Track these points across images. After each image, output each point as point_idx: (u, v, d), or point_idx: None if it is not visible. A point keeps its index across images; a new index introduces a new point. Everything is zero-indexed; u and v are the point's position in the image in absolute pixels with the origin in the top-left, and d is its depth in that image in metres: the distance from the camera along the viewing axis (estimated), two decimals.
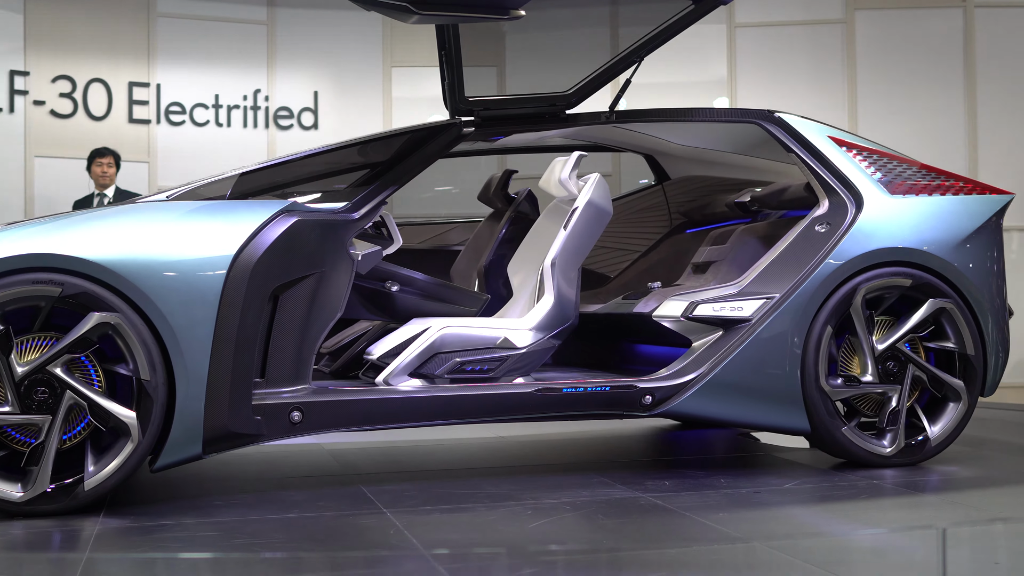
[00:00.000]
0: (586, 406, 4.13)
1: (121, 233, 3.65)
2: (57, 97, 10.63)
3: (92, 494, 3.55)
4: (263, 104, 11.17)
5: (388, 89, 11.22)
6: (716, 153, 5.45)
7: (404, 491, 3.98)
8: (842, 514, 3.59)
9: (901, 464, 4.31)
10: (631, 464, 4.66)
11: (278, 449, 5.17)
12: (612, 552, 3.09)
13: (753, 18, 11.16)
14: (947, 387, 4.40)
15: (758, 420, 4.29)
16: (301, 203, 3.94)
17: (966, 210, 4.54)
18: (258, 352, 3.76)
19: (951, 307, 4.37)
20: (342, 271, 4.00)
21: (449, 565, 2.86)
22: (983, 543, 3.29)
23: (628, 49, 4.48)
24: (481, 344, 4.26)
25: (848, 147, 4.61)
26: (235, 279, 3.65)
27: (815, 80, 11.08)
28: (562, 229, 4.49)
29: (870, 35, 11.11)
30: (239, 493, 4.04)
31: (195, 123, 11.01)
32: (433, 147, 4.36)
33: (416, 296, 4.60)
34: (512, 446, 5.23)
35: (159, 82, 10.94)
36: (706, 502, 3.67)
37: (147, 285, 3.57)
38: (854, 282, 4.28)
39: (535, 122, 4.60)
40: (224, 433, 3.67)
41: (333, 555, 3.06)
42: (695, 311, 4.28)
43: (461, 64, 4.40)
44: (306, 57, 11.25)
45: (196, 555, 3.11)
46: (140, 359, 3.56)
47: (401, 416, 3.99)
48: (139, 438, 3.56)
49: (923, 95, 10.98)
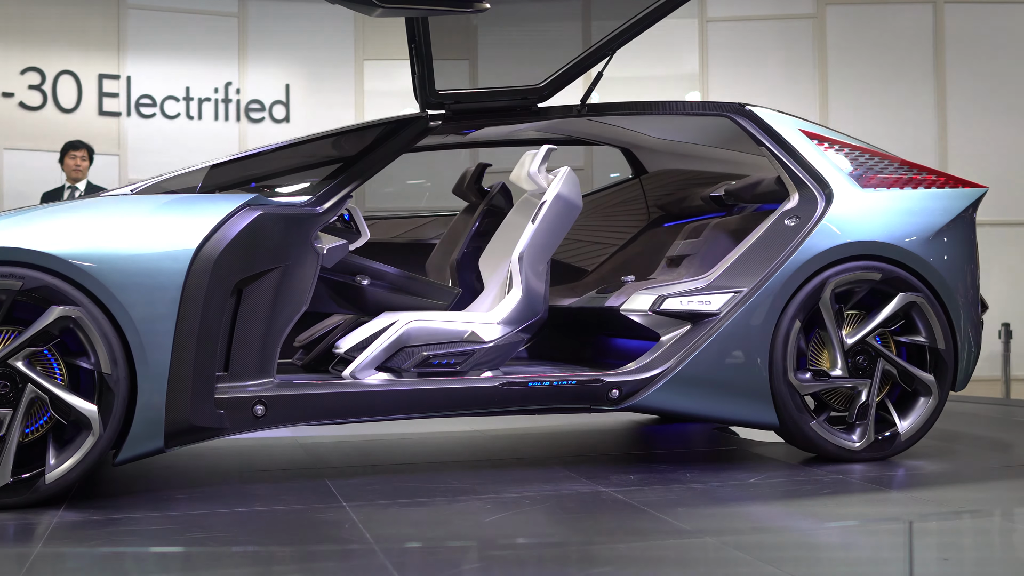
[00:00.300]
0: (552, 400, 4.11)
1: (83, 227, 3.65)
2: (26, 89, 10.56)
3: (53, 487, 3.54)
4: (234, 97, 11.12)
5: (360, 82, 11.20)
6: (693, 147, 5.44)
7: (368, 484, 3.97)
8: (800, 509, 3.57)
9: (870, 459, 4.28)
10: (601, 458, 4.65)
11: (250, 442, 5.16)
12: (560, 547, 3.08)
13: (724, 13, 11.21)
14: (917, 381, 4.36)
15: (726, 414, 4.27)
16: (265, 197, 3.93)
17: (938, 204, 4.51)
18: (222, 346, 3.75)
19: (921, 301, 4.34)
20: (307, 265, 3.98)
21: (397, 559, 2.84)
22: (936, 538, 3.26)
23: (600, 42, 4.47)
24: (448, 338, 4.23)
25: (820, 140, 4.58)
26: (197, 273, 3.64)
27: (786, 75, 11.14)
28: (530, 223, 4.46)
29: (841, 30, 11.19)
30: (205, 486, 4.02)
31: (166, 116, 10.95)
32: (399, 141, 4.36)
33: (386, 290, 4.59)
34: (486, 440, 5.24)
35: (129, 74, 10.88)
36: (667, 497, 3.66)
37: (108, 279, 3.56)
38: (823, 276, 4.25)
39: (507, 115, 4.59)
40: (186, 427, 3.65)
41: (281, 549, 3.04)
42: (662, 305, 4.27)
43: (431, 57, 4.39)
44: (278, 50, 11.22)
45: (145, 549, 3.08)
46: (101, 353, 3.55)
47: (365, 410, 3.97)
48: (100, 431, 3.55)
49: (893, 89, 11.06)
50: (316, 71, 11.28)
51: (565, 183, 4.51)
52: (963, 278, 4.47)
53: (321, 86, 11.26)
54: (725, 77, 11.08)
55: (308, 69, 11.28)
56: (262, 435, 5.35)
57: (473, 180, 5.46)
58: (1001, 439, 5.37)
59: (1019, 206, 10.72)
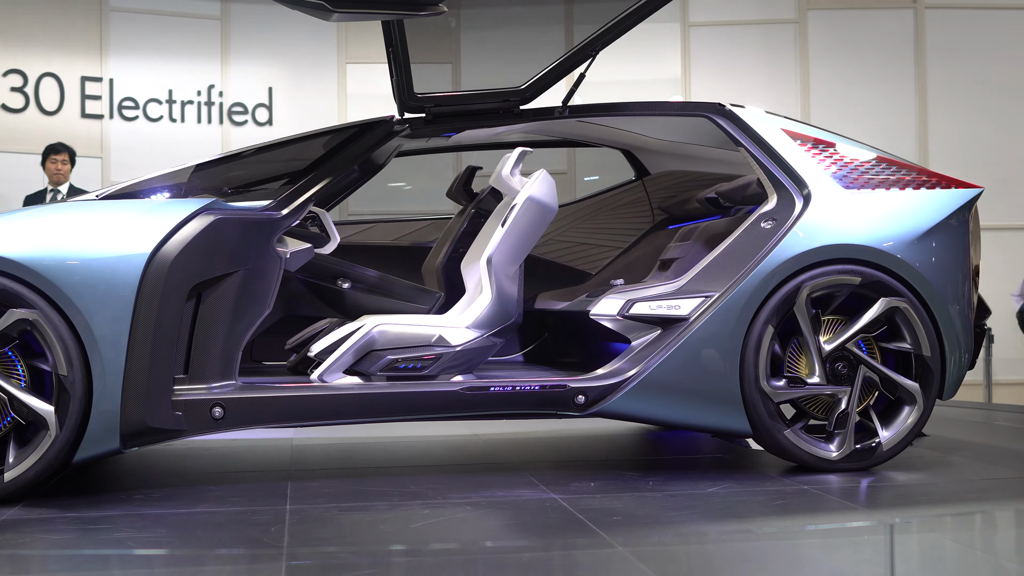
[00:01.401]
0: (516, 405, 4.07)
1: (40, 231, 3.73)
2: (8, 91, 10.52)
3: (11, 486, 3.62)
4: (217, 100, 11.11)
5: (343, 85, 11.20)
6: (694, 147, 5.38)
7: (325, 487, 3.98)
8: (738, 520, 3.42)
9: (849, 469, 4.16)
10: (577, 465, 4.62)
11: (243, 442, 5.17)
12: (456, 554, 3.04)
13: (707, 17, 11.25)
14: (901, 389, 4.22)
15: (696, 421, 4.19)
16: (223, 202, 3.97)
17: (926, 205, 4.36)
18: (182, 348, 3.81)
19: (905, 306, 4.19)
20: (269, 269, 4.00)
21: (296, 562, 2.86)
22: (868, 559, 3.10)
23: (582, 43, 4.44)
24: (415, 342, 4.19)
25: (804, 140, 4.48)
26: (152, 276, 3.69)
27: (768, 79, 11.19)
28: (500, 226, 4.41)
29: (823, 35, 11.24)
30: (171, 486, 4.07)
31: (148, 118, 10.93)
32: (362, 144, 4.37)
33: (367, 293, 4.59)
34: (477, 444, 5.21)
35: (112, 77, 10.86)
36: (611, 505, 3.60)
37: (64, 282, 3.64)
38: (798, 280, 4.14)
39: (488, 118, 4.57)
40: (142, 428, 3.71)
41: (184, 552, 3.07)
42: (631, 309, 4.22)
43: (409, 61, 4.38)
44: (260, 52, 11.21)
45: (45, 552, 3.15)
46: (57, 355, 3.63)
47: (323, 413, 3.98)
48: (57, 431, 3.62)
49: (875, 93, 11.12)
50: (299, 74, 11.27)
51: (538, 185, 4.45)
52: (953, 282, 4.31)
53: (304, 89, 11.25)
54: (708, 81, 11.11)
55: (291, 72, 11.27)
56: (258, 436, 5.36)
57: (462, 183, 5.46)
58: (983, 444, 5.34)
59: (999, 210, 10.79)
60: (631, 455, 4.94)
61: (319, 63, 11.22)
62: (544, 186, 4.49)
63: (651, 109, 4.77)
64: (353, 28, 11.08)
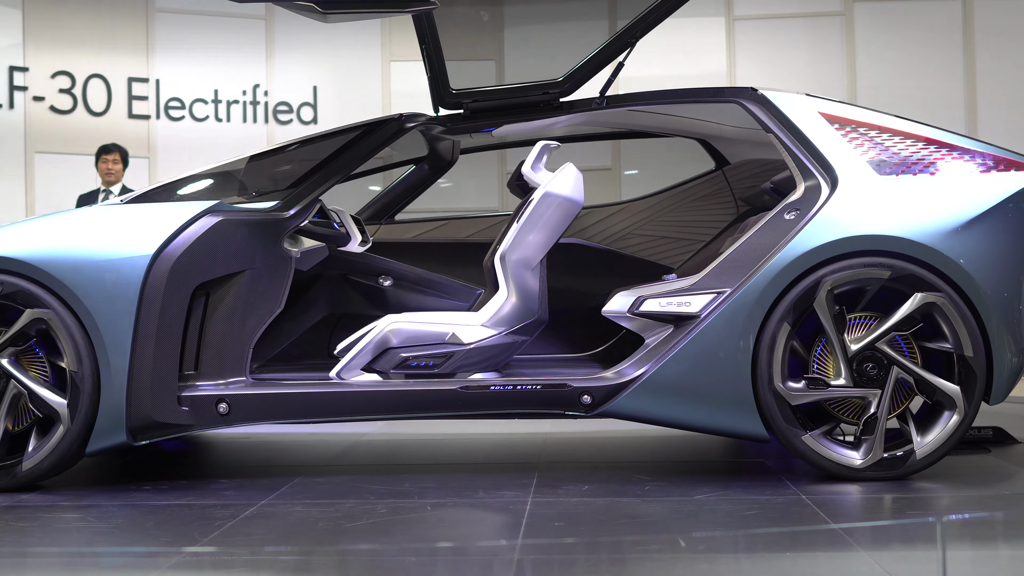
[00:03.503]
0: (518, 404, 3.99)
1: (53, 234, 3.99)
2: (57, 93, 10.64)
3: (28, 474, 3.87)
4: (262, 99, 11.18)
5: (387, 83, 11.22)
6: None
7: (312, 484, 4.01)
8: (687, 531, 3.20)
9: (875, 478, 3.83)
10: (592, 466, 4.48)
11: (303, 436, 5.25)
12: (353, 555, 3.02)
13: (752, 11, 11.17)
14: (939, 393, 3.85)
15: (706, 423, 3.98)
16: (227, 204, 4.09)
17: (972, 190, 4.00)
18: (192, 345, 3.97)
19: (943, 302, 3.84)
20: (277, 268, 4.13)
21: (190, 558, 2.94)
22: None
23: (619, 31, 4.34)
24: (428, 340, 4.18)
25: (843, 123, 4.18)
26: (155, 277, 3.86)
27: (815, 72, 11.09)
28: (515, 222, 4.36)
29: (869, 27, 11.13)
30: (187, 478, 4.23)
31: (195, 118, 11.02)
32: (369, 143, 4.40)
33: (408, 290, 4.61)
34: (506, 443, 5.17)
35: (158, 77, 10.95)
36: (578, 510, 3.49)
37: (74, 283, 3.86)
38: (817, 274, 3.86)
39: (527, 112, 4.51)
40: (149, 422, 3.88)
41: (111, 545, 3.19)
42: (641, 307, 4.05)
43: (442, 57, 4.37)
44: (305, 52, 11.26)
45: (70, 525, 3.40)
46: (68, 352, 3.86)
47: (324, 411, 4.03)
48: (68, 424, 3.84)
49: (923, 85, 10.99)
50: (343, 72, 11.31)
51: (558, 180, 4.36)
52: (1002, 275, 3.92)
53: (348, 87, 11.29)
54: (753, 76, 11.02)
55: (335, 70, 11.32)
56: (297, 431, 5.39)
57: (513, 179, 5.45)
58: None
59: None
60: (663, 457, 4.85)
61: (363, 61, 11.26)
62: (565, 180, 4.38)
63: (683, 96, 4.57)
64: (397, 26, 11.10)
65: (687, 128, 5.21)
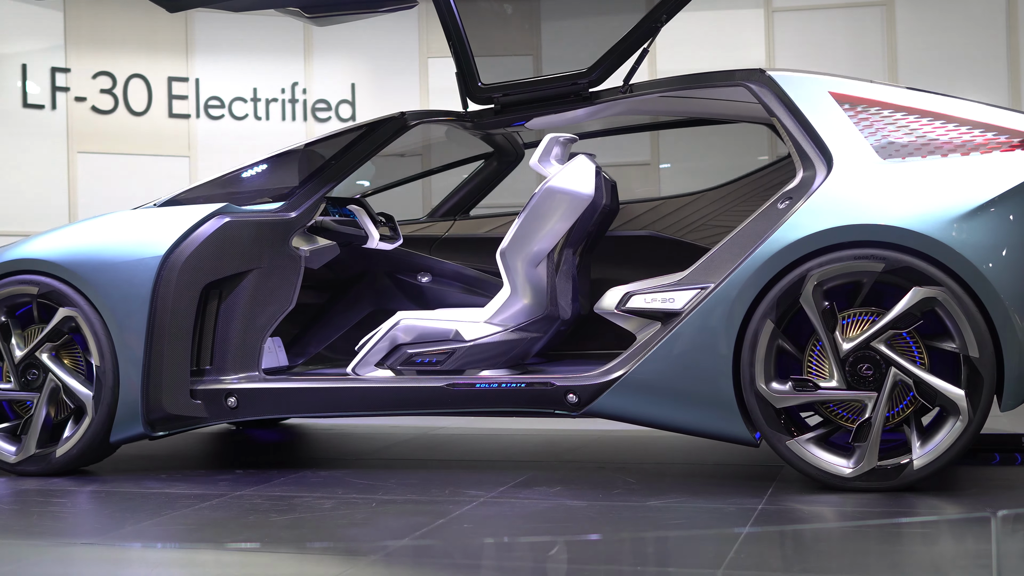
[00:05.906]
0: (504, 403, 3.97)
1: (80, 238, 4.33)
2: (98, 93, 10.73)
3: (62, 460, 4.18)
4: (301, 97, 11.22)
5: (425, 79, 11.23)
6: None
7: (302, 478, 4.09)
8: (617, 537, 3.12)
9: (866, 489, 3.52)
10: (584, 467, 4.38)
11: (358, 428, 5.31)
12: (285, 553, 3.04)
13: (791, 3, 11.08)
14: (941, 397, 3.50)
15: (690, 425, 3.78)
16: (235, 205, 4.28)
17: (985, 174, 3.61)
18: (208, 343, 4.19)
19: (944, 297, 3.47)
20: (286, 267, 4.29)
21: (115, 549, 3.08)
22: None
23: (643, 17, 4.28)
24: (433, 336, 4.21)
25: (855, 103, 3.84)
26: (166, 276, 4.10)
27: (856, 64, 10.98)
28: (517, 218, 4.28)
29: (911, 18, 11.00)
30: (204, 468, 4.42)
31: (234, 117, 11.08)
32: (371, 142, 4.46)
33: (446, 286, 4.66)
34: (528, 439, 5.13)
35: (198, 76, 11.02)
36: (524, 511, 3.45)
37: (96, 282, 4.16)
38: (803, 267, 3.58)
39: (557, 104, 4.46)
40: (163, 415, 4.13)
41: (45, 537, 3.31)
42: (628, 303, 3.91)
43: (470, 53, 4.40)
44: (343, 49, 11.29)
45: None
46: (92, 348, 4.15)
47: (321, 406, 4.16)
48: (93, 415, 4.13)
49: (966, 77, 10.86)
50: (381, 69, 11.33)
51: (561, 174, 4.26)
52: (1014, 267, 3.52)
53: (387, 84, 11.31)
54: (792, 68, 10.94)
55: (373, 67, 11.34)
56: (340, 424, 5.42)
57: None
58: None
59: None
60: (678, 459, 4.72)
61: (401, 58, 11.27)
62: (570, 174, 4.28)
63: (696, 82, 4.41)
64: (434, 22, 11.07)
65: (748, 113, 4.82)
